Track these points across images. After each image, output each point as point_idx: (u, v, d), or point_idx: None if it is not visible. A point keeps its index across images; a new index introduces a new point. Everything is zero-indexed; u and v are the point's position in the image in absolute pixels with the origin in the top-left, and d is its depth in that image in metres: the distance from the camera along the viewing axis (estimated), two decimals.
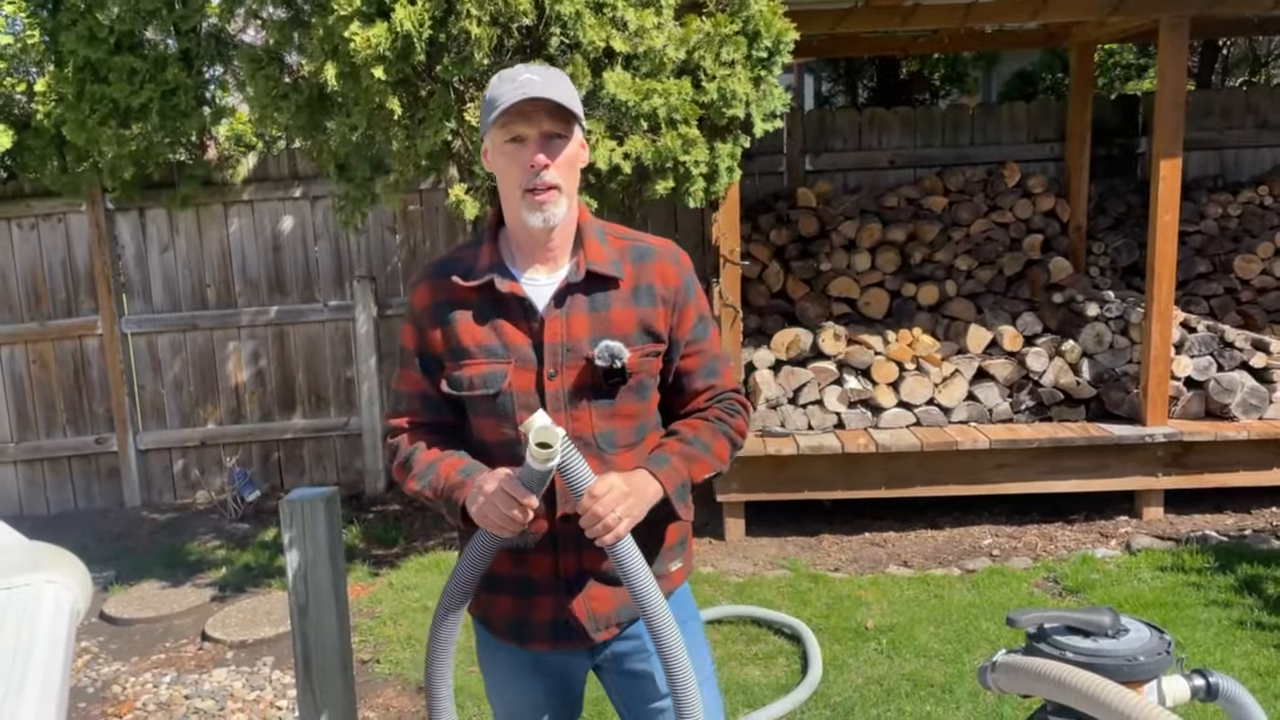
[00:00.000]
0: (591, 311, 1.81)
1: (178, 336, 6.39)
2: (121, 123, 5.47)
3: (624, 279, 1.83)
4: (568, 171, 1.77)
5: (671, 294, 1.86)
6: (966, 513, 5.34)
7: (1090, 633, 1.61)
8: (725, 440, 1.89)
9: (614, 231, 1.91)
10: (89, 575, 1.78)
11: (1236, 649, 3.70)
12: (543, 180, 1.74)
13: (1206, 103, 6.55)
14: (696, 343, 1.89)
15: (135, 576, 5.15)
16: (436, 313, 1.85)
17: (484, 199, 4.45)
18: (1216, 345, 5.31)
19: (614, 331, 1.81)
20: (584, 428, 1.81)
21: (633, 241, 1.89)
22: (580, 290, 1.82)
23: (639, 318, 1.83)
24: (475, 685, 3.78)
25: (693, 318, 1.88)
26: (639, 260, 1.86)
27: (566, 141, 1.76)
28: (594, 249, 1.84)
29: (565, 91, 1.75)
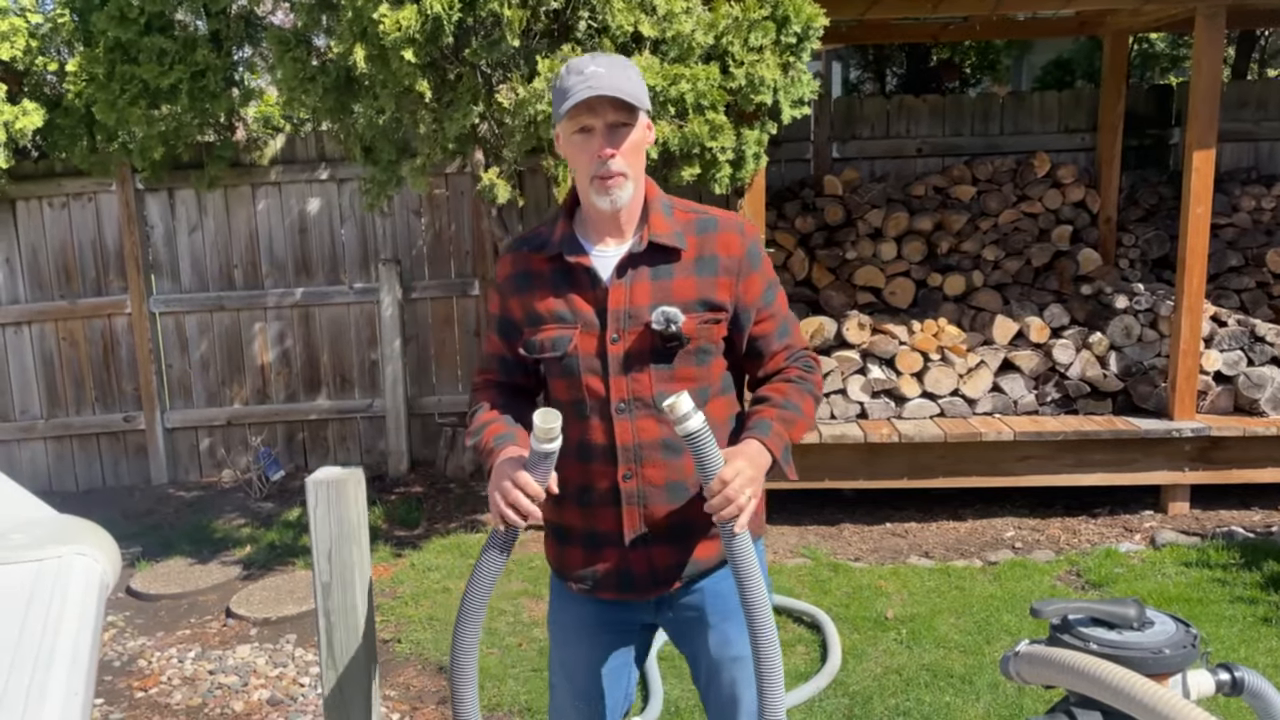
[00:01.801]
0: (654, 280, 1.92)
1: (205, 316, 6.44)
2: (151, 103, 5.51)
3: (686, 250, 1.94)
4: (633, 157, 1.89)
5: (735, 264, 1.95)
6: (989, 504, 5.31)
7: (1115, 624, 1.60)
8: (810, 398, 2.00)
9: (681, 205, 2.01)
10: (118, 548, 1.81)
11: (1261, 645, 3.67)
12: (608, 169, 1.87)
13: (1242, 94, 6.45)
14: (767, 307, 1.99)
15: (162, 553, 5.21)
16: (516, 283, 2.01)
17: (513, 183, 4.45)
18: (1247, 339, 5.24)
19: (674, 299, 1.91)
20: (644, 389, 1.91)
21: (698, 214, 1.99)
22: (643, 261, 1.93)
23: (699, 287, 1.93)
24: (494, 666, 3.81)
25: (760, 285, 1.98)
26: (702, 231, 1.96)
27: (631, 129, 1.88)
28: (658, 222, 1.94)
29: (629, 83, 1.85)
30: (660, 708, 3.39)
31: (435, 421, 6.51)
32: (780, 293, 2.04)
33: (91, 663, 1.47)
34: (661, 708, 3.40)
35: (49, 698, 1.33)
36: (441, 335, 6.52)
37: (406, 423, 6.44)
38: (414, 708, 3.59)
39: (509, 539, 1.88)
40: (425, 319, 6.49)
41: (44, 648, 1.42)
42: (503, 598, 4.44)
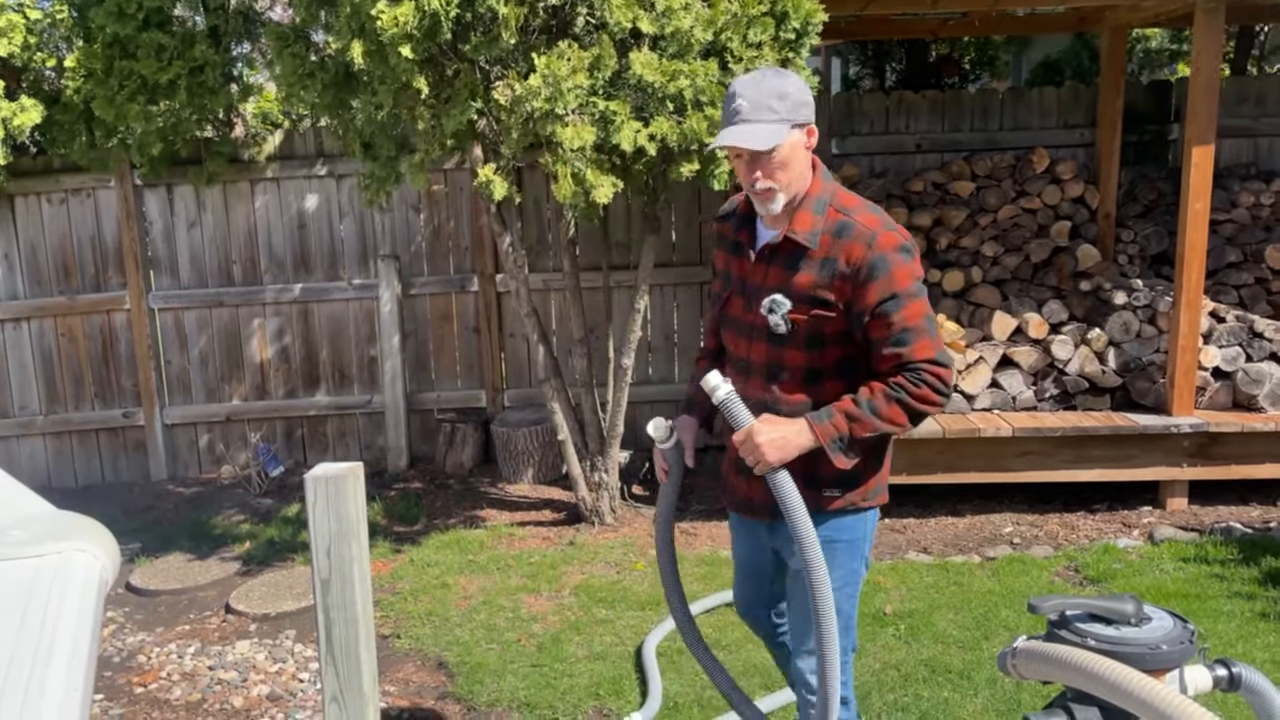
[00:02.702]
0: (785, 268, 2.26)
1: (204, 313, 6.44)
2: (150, 99, 5.50)
3: (816, 249, 2.23)
4: (782, 172, 2.20)
5: (853, 271, 2.18)
6: (988, 500, 5.32)
7: (1113, 620, 1.60)
8: (899, 407, 2.18)
9: (839, 204, 2.25)
10: (117, 545, 1.81)
11: (1258, 641, 3.68)
12: (756, 189, 2.22)
13: (1241, 89, 6.45)
14: (884, 315, 2.17)
15: (161, 549, 5.22)
16: (718, 240, 2.50)
17: (510, 179, 4.45)
18: (1246, 335, 5.24)
19: (793, 289, 2.24)
20: (759, 357, 2.33)
21: (845, 216, 2.23)
22: (781, 250, 2.27)
23: (816, 284, 2.22)
24: (493, 661, 3.82)
25: (876, 294, 2.17)
26: (837, 235, 2.22)
27: (775, 153, 2.17)
28: (803, 220, 2.24)
29: (767, 122, 2.14)
30: (659, 703, 3.40)
31: (434, 417, 6.52)
32: (911, 305, 2.18)
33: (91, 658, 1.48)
34: (660, 703, 3.41)
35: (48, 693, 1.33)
36: (440, 331, 6.52)
37: (406, 419, 6.44)
38: (414, 703, 3.60)
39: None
40: (424, 315, 6.49)
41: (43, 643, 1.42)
42: (502, 593, 4.45)
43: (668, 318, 6.54)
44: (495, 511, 5.57)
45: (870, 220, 2.22)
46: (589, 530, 5.19)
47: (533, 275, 5.99)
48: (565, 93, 3.95)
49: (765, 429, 2.18)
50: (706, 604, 4.15)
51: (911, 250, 2.23)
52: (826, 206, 2.24)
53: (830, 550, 2.25)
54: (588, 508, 5.24)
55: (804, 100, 2.19)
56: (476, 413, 6.52)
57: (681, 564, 4.72)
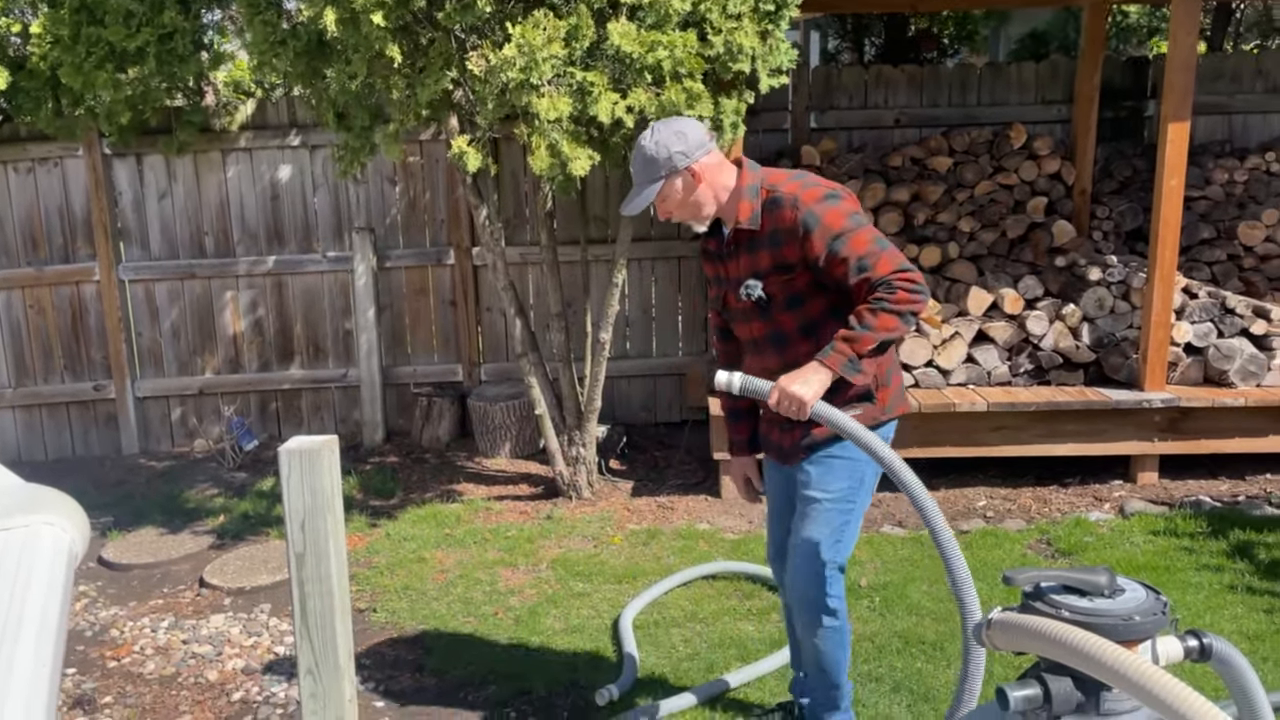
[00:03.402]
0: (747, 254, 2.61)
1: (175, 284, 6.36)
2: (118, 66, 5.39)
3: (760, 229, 2.56)
4: (679, 209, 2.61)
5: (792, 232, 2.51)
6: (962, 474, 5.36)
7: (1087, 592, 1.61)
8: (886, 313, 2.42)
9: (769, 183, 2.58)
10: (87, 518, 1.78)
11: (1226, 612, 3.74)
12: (673, 220, 2.68)
13: (1217, 66, 6.47)
14: (835, 254, 2.47)
15: (133, 522, 5.17)
16: (702, 252, 2.84)
17: (486, 150, 4.40)
18: (1218, 312, 5.29)
19: (759, 268, 2.59)
20: (761, 333, 2.68)
21: (773, 193, 2.55)
22: (739, 240, 2.62)
23: (773, 255, 2.57)
24: (470, 635, 3.82)
25: (820, 242, 2.48)
26: (771, 209, 2.55)
27: (660, 202, 2.60)
28: (744, 209, 2.58)
29: (645, 182, 2.56)
30: (635, 676, 3.41)
31: (411, 391, 6.48)
32: (852, 237, 2.46)
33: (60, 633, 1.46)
34: (636, 676, 3.42)
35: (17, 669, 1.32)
36: (416, 305, 6.47)
37: (381, 392, 6.40)
38: (390, 676, 3.59)
39: None
40: (400, 288, 6.44)
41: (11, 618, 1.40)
42: (479, 567, 4.45)
43: (646, 292, 6.52)
44: (472, 486, 5.56)
45: (792, 186, 2.54)
46: (566, 504, 5.19)
47: (510, 249, 5.95)
48: (541, 63, 3.90)
49: (787, 381, 2.43)
50: (685, 577, 4.17)
51: (838, 194, 2.54)
52: (758, 190, 2.57)
53: (854, 464, 2.66)
54: (565, 482, 5.24)
55: (671, 155, 2.52)
56: (453, 387, 6.49)
57: (659, 538, 4.75)
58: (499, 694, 3.42)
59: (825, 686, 2.83)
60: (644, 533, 4.77)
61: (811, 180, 2.56)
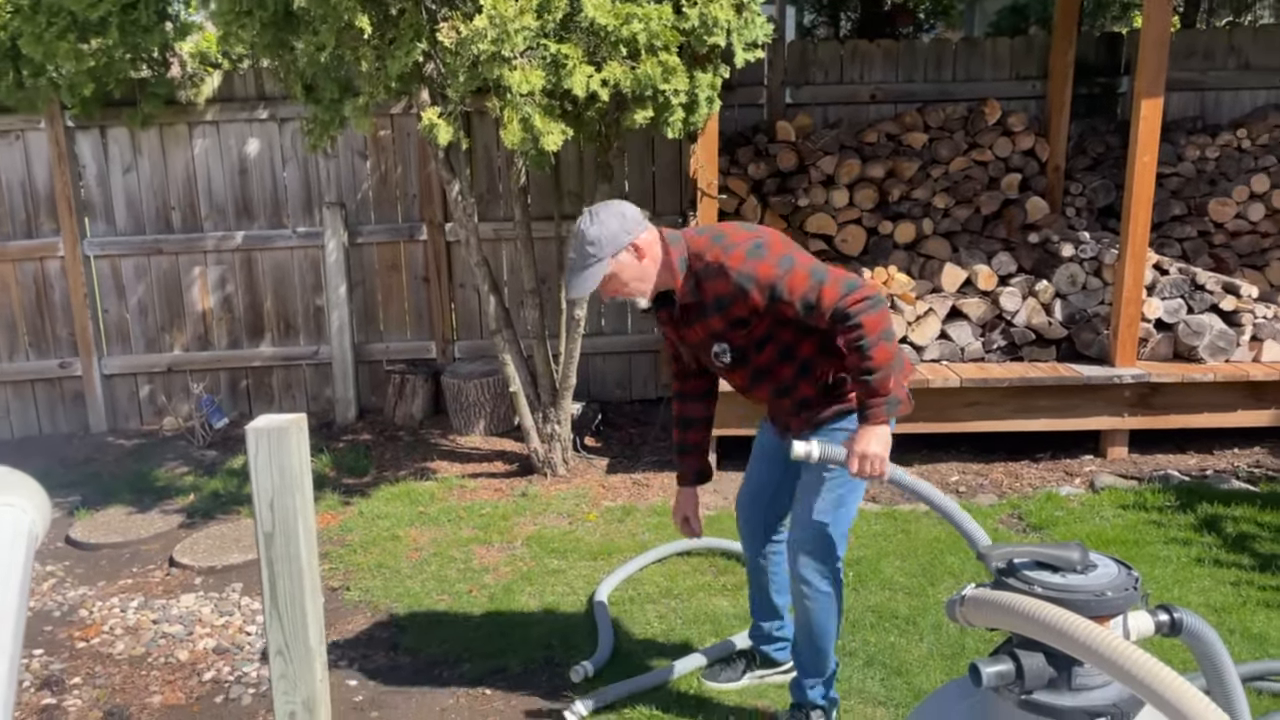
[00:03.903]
0: (700, 320, 2.68)
1: (142, 260, 6.26)
2: (80, 36, 5.27)
3: (704, 298, 2.62)
4: (624, 286, 2.62)
5: (733, 296, 2.57)
6: (935, 450, 5.39)
7: (1060, 568, 1.62)
8: (874, 349, 2.46)
9: (695, 250, 2.62)
10: (48, 499, 1.74)
11: (1194, 585, 3.78)
12: (619, 299, 2.68)
13: (1190, 43, 6.49)
14: (782, 300, 2.53)
15: (101, 501, 5.11)
16: (660, 322, 2.84)
17: (457, 124, 4.35)
18: (1188, 288, 5.33)
19: (715, 331, 2.66)
20: (748, 373, 2.73)
21: (703, 264, 2.59)
22: (689, 310, 2.68)
23: (723, 318, 2.63)
24: (444, 612, 3.81)
25: (761, 295, 2.53)
26: (706, 280, 2.60)
27: (606, 281, 2.60)
28: (679, 287, 2.64)
29: (587, 270, 2.56)
30: (609, 653, 3.41)
31: (383, 369, 6.43)
32: (788, 281, 2.51)
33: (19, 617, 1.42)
34: (610, 653, 3.42)
35: None
36: (389, 281, 6.41)
37: (354, 370, 6.34)
38: (364, 654, 3.58)
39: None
40: (372, 264, 6.37)
41: None
42: (453, 544, 4.43)
43: None
44: (446, 463, 5.53)
45: (715, 253, 2.57)
46: (541, 481, 5.18)
47: (483, 224, 5.89)
48: (513, 34, 3.84)
49: (861, 448, 2.52)
50: (660, 553, 4.17)
51: (760, 244, 2.56)
52: (686, 264, 2.62)
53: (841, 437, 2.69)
54: (540, 459, 5.22)
55: (614, 234, 2.55)
56: (426, 364, 6.44)
57: (634, 514, 4.74)
58: (474, 672, 3.41)
59: (812, 654, 2.86)
60: (619, 509, 4.77)
61: (729, 240, 2.59)
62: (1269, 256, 5.73)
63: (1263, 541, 4.13)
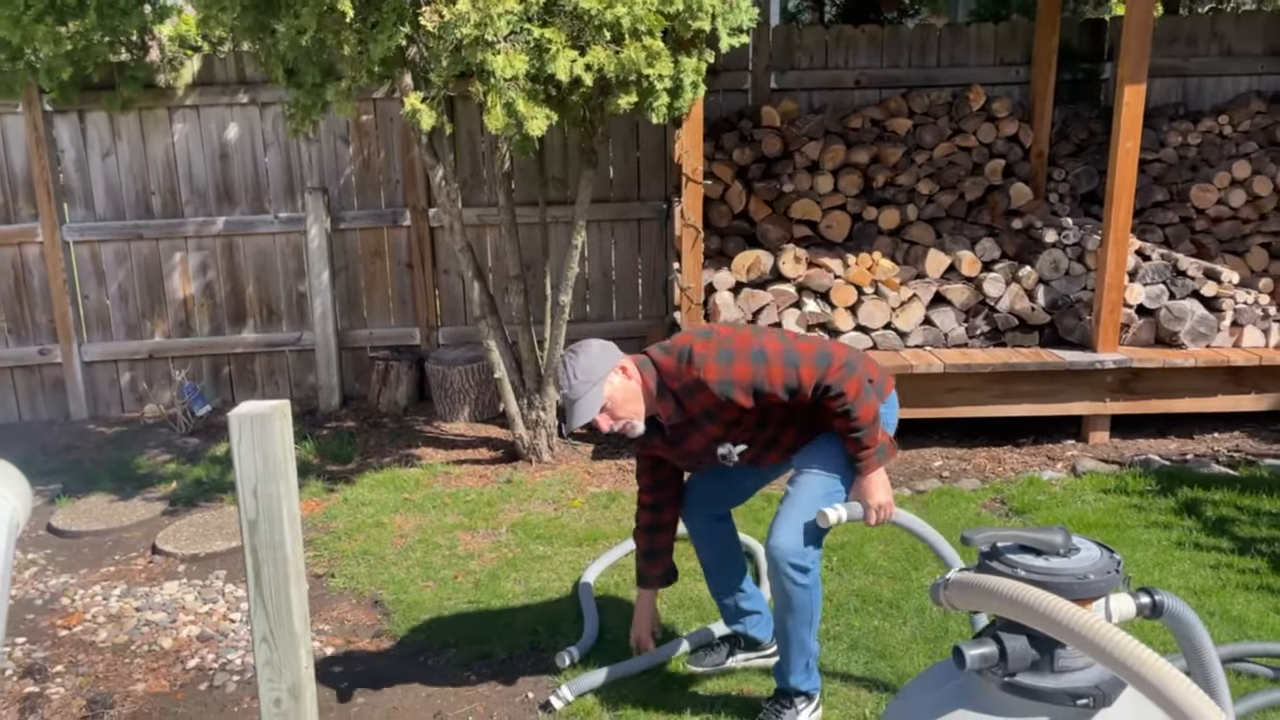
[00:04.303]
0: (695, 432, 2.76)
1: (122, 246, 6.20)
2: (58, 19, 5.21)
3: (689, 413, 2.71)
4: (622, 409, 2.68)
5: (719, 405, 2.66)
6: (918, 435, 5.42)
7: (1042, 551, 1.63)
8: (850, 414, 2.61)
9: (667, 373, 2.69)
10: (29, 486, 1.73)
11: (1174, 568, 3.82)
12: (615, 430, 2.71)
13: (1173, 29, 6.51)
14: (761, 394, 2.63)
15: (83, 489, 5.07)
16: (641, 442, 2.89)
17: (441, 109, 4.32)
18: (1169, 274, 5.36)
19: (714, 435, 2.76)
20: (750, 457, 2.82)
21: (681, 383, 2.67)
22: (677, 429, 2.76)
23: (719, 424, 2.73)
24: (429, 599, 3.81)
25: (745, 394, 2.62)
26: (687, 397, 2.68)
27: (605, 408, 2.66)
28: (663, 410, 2.72)
29: (586, 400, 2.63)
30: (595, 638, 3.42)
31: (367, 355, 6.40)
32: (766, 374, 2.61)
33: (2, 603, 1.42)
34: (596, 638, 3.43)
35: None
36: (372, 267, 6.37)
37: (337, 356, 6.32)
38: (349, 641, 3.57)
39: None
40: (355, 250, 6.33)
41: None
42: (438, 531, 4.42)
43: (605, 254, 6.48)
44: (431, 450, 5.52)
45: (689, 373, 2.64)
46: (526, 468, 5.17)
47: (467, 210, 5.86)
48: (496, 18, 3.82)
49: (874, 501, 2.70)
50: None
51: (729, 352, 2.63)
52: (665, 389, 2.69)
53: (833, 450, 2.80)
54: (525, 446, 5.21)
55: (600, 358, 2.65)
56: (411, 350, 6.42)
57: (619, 500, 4.75)
58: (459, 658, 3.41)
59: (795, 640, 2.86)
60: (604, 495, 4.77)
61: (697, 354, 2.64)
62: (1249, 242, 5.77)
63: (1242, 525, 4.17)
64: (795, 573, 2.74)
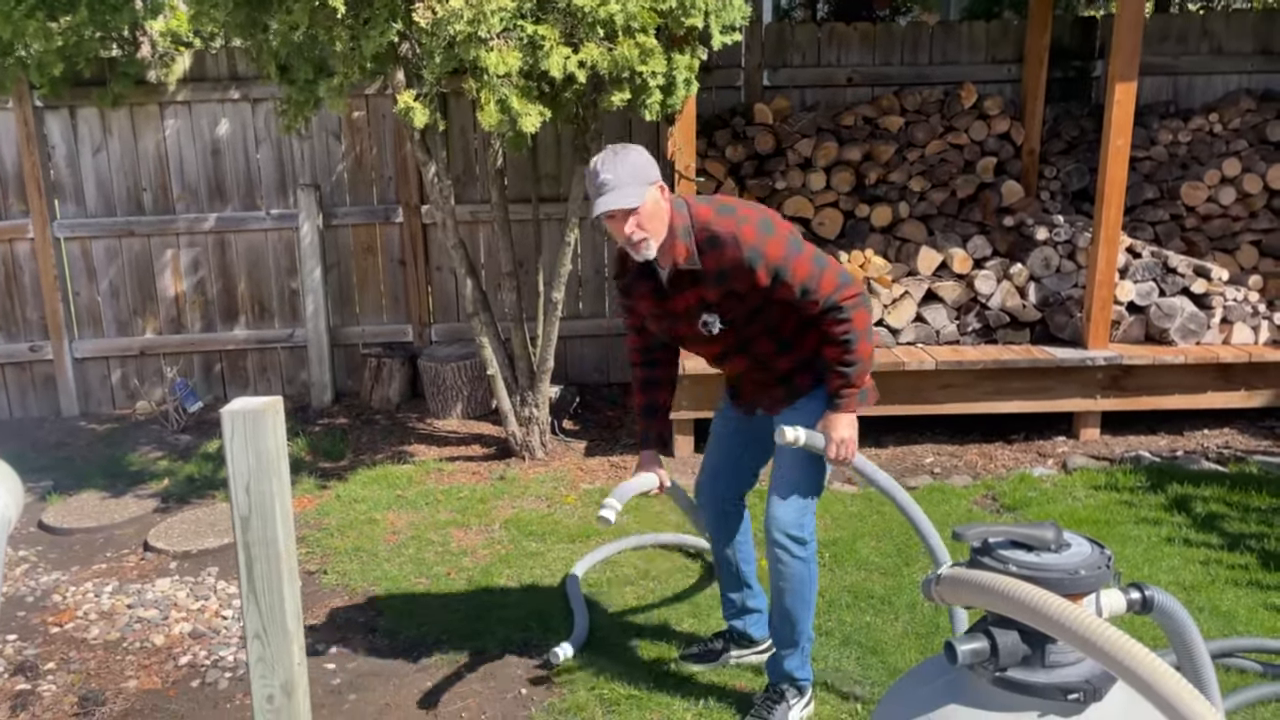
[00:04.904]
0: (692, 289, 2.68)
1: (113, 242, 6.18)
2: (49, 15, 5.18)
3: (705, 266, 2.61)
4: (649, 222, 2.56)
5: (740, 268, 2.59)
6: (910, 432, 5.43)
7: (1034, 547, 1.64)
8: (850, 345, 2.63)
9: (700, 221, 2.61)
10: (20, 483, 1.73)
11: (1164, 564, 3.84)
12: (632, 240, 2.59)
13: (1164, 27, 6.53)
14: (779, 282, 2.60)
15: (74, 486, 5.06)
16: (626, 295, 2.84)
17: (433, 105, 4.31)
18: (1160, 271, 5.39)
19: (708, 300, 2.66)
20: (729, 345, 2.76)
21: (709, 233, 2.60)
22: (681, 278, 2.67)
23: (720, 289, 2.64)
24: (422, 594, 3.81)
25: (766, 274, 2.58)
26: (710, 248, 2.60)
27: (641, 208, 2.54)
28: (679, 251, 2.62)
29: (628, 188, 2.50)
30: (586, 634, 3.43)
31: (360, 352, 6.39)
32: (796, 262, 2.58)
33: None
34: (587, 634, 3.43)
35: None
36: (364, 263, 6.36)
37: (329, 353, 6.30)
38: (342, 637, 3.57)
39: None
40: (347, 246, 6.32)
41: None
42: (431, 527, 4.42)
43: (598, 251, 6.47)
44: (424, 446, 5.51)
45: (728, 224, 2.59)
46: (519, 465, 5.18)
47: (460, 207, 5.85)
48: (489, 15, 3.81)
49: (837, 435, 2.69)
50: (638, 541, 4.18)
51: (769, 223, 2.61)
52: (691, 230, 2.61)
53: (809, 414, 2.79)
54: (518, 442, 5.22)
55: (650, 165, 2.58)
56: (403, 347, 6.41)
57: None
58: (452, 654, 3.41)
59: (788, 628, 2.90)
60: (597, 492, 4.78)
61: (740, 213, 2.60)
62: (1239, 240, 5.80)
63: (1231, 521, 4.20)
64: (793, 544, 2.79)
